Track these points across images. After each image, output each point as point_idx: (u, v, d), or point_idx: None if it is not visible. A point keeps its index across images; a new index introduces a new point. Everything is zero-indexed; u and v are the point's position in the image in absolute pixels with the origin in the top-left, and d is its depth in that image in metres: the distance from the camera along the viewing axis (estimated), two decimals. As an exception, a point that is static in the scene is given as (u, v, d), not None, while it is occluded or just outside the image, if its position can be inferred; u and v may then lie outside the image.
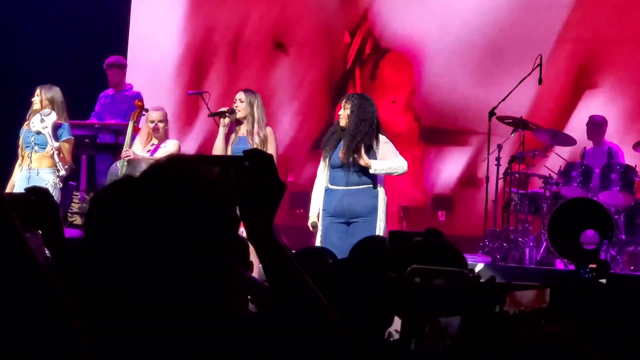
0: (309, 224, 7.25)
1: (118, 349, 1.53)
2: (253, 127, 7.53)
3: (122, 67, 10.02)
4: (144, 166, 1.69)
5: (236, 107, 7.59)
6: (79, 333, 1.26)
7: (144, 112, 8.16)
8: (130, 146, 8.03)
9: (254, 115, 7.55)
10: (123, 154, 7.92)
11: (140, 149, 8.09)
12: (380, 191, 7.05)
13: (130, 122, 8.13)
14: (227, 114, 7.56)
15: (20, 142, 8.27)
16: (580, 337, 1.82)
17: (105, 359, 1.49)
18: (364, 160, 6.93)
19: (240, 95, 7.65)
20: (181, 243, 1.53)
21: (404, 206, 10.70)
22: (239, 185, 1.69)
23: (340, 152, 7.07)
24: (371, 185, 7.04)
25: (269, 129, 7.64)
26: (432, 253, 3.01)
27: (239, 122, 7.60)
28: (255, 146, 7.36)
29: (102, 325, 1.51)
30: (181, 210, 1.53)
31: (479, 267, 8.10)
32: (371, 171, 6.98)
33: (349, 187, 7.04)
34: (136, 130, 8.69)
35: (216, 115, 7.66)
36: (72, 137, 8.34)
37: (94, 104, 9.90)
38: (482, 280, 2.59)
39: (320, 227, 7.14)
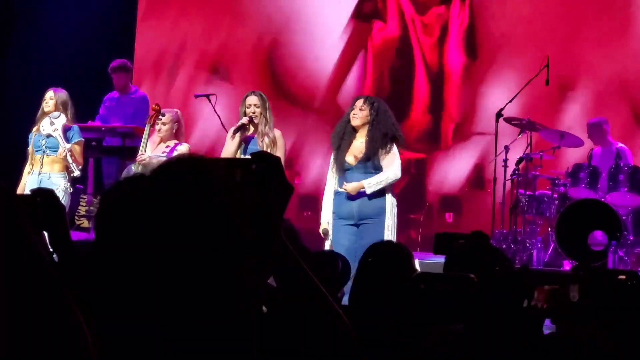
0: (320, 230, 7.21)
1: (124, 347, 1.53)
2: (265, 127, 7.50)
3: (127, 70, 10.00)
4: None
5: (252, 112, 7.50)
6: (87, 332, 1.26)
7: (160, 117, 8.04)
8: (146, 150, 7.98)
9: (267, 117, 7.53)
10: (139, 157, 7.88)
11: (150, 151, 8.07)
12: (388, 193, 7.02)
13: (146, 125, 8.02)
14: (247, 126, 7.48)
15: (31, 146, 8.27)
16: (605, 336, 1.80)
17: (112, 358, 1.49)
18: (353, 187, 6.93)
19: (254, 100, 7.54)
20: (188, 242, 1.53)
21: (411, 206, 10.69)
22: (247, 187, 1.68)
23: (347, 156, 7.05)
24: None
25: (277, 132, 7.59)
26: (477, 255, 3.00)
27: (255, 126, 7.54)
28: (264, 147, 7.33)
29: (109, 323, 1.51)
30: (189, 210, 1.53)
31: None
32: (367, 192, 6.95)
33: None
34: (139, 131, 8.66)
35: (239, 130, 7.51)
36: (83, 139, 8.36)
37: (99, 107, 9.90)
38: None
39: (330, 230, 7.11)
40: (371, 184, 6.95)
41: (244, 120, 7.47)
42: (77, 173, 8.11)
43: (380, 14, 11.06)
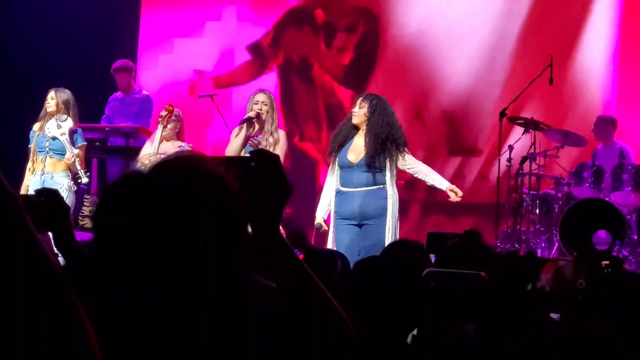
0: (315, 225, 7.19)
1: (126, 344, 1.53)
2: (271, 127, 7.47)
3: (130, 70, 10.01)
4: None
5: (259, 109, 7.46)
6: (91, 332, 1.26)
7: (173, 117, 7.99)
8: (157, 150, 7.95)
9: (273, 117, 7.51)
10: (153, 158, 7.83)
11: (149, 149, 8.06)
12: (390, 192, 6.95)
13: (159, 126, 7.95)
14: (254, 120, 7.44)
15: (33, 146, 8.25)
16: (617, 336, 1.80)
17: (114, 354, 1.49)
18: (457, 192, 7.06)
19: (262, 97, 7.50)
20: (187, 240, 1.53)
21: (417, 207, 10.68)
22: (245, 185, 1.68)
23: (350, 153, 7.02)
24: (381, 186, 6.96)
25: (282, 132, 7.57)
26: (470, 254, 3.00)
27: (261, 125, 7.50)
28: (267, 146, 7.29)
29: (111, 320, 1.52)
30: (187, 208, 1.53)
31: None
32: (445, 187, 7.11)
33: (359, 189, 6.95)
34: (142, 131, 8.65)
35: (245, 122, 7.48)
36: (86, 143, 8.35)
37: (104, 108, 9.91)
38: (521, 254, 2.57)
39: (332, 229, 7.09)
40: (443, 182, 7.15)
41: (252, 113, 7.40)
42: (85, 180, 8.07)
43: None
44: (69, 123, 8.14)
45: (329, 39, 11.18)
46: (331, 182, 7.14)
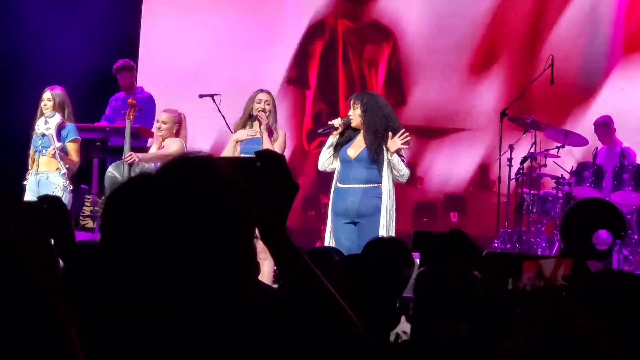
0: (332, 122, 7.14)
1: (128, 349, 1.53)
2: (272, 126, 7.47)
3: (131, 69, 10.02)
4: (147, 167, 1.69)
5: (262, 108, 7.46)
6: (71, 334, 1.25)
7: (137, 112, 8.23)
8: (130, 148, 8.08)
9: (274, 115, 7.51)
10: (128, 159, 7.89)
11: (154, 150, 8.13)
12: (385, 190, 6.95)
13: (127, 121, 8.16)
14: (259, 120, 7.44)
15: (31, 148, 8.24)
16: (602, 331, 1.80)
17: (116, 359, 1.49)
18: (395, 144, 6.88)
19: (265, 97, 7.50)
20: (194, 241, 1.52)
21: (416, 206, 10.69)
22: (251, 186, 1.68)
23: (350, 149, 7.04)
24: (375, 185, 6.97)
25: (281, 131, 7.56)
26: (455, 253, 3.01)
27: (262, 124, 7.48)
28: (270, 146, 7.29)
29: (112, 326, 1.51)
30: (194, 209, 1.53)
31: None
32: (390, 156, 6.91)
33: (353, 186, 6.97)
34: (144, 131, 8.71)
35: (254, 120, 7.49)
36: (79, 137, 8.27)
37: (105, 108, 9.91)
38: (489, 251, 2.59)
39: (329, 227, 7.11)
40: (396, 158, 6.92)
41: (261, 114, 7.42)
42: (63, 171, 8.01)
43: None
44: (56, 119, 8.09)
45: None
46: (325, 155, 7.16)
